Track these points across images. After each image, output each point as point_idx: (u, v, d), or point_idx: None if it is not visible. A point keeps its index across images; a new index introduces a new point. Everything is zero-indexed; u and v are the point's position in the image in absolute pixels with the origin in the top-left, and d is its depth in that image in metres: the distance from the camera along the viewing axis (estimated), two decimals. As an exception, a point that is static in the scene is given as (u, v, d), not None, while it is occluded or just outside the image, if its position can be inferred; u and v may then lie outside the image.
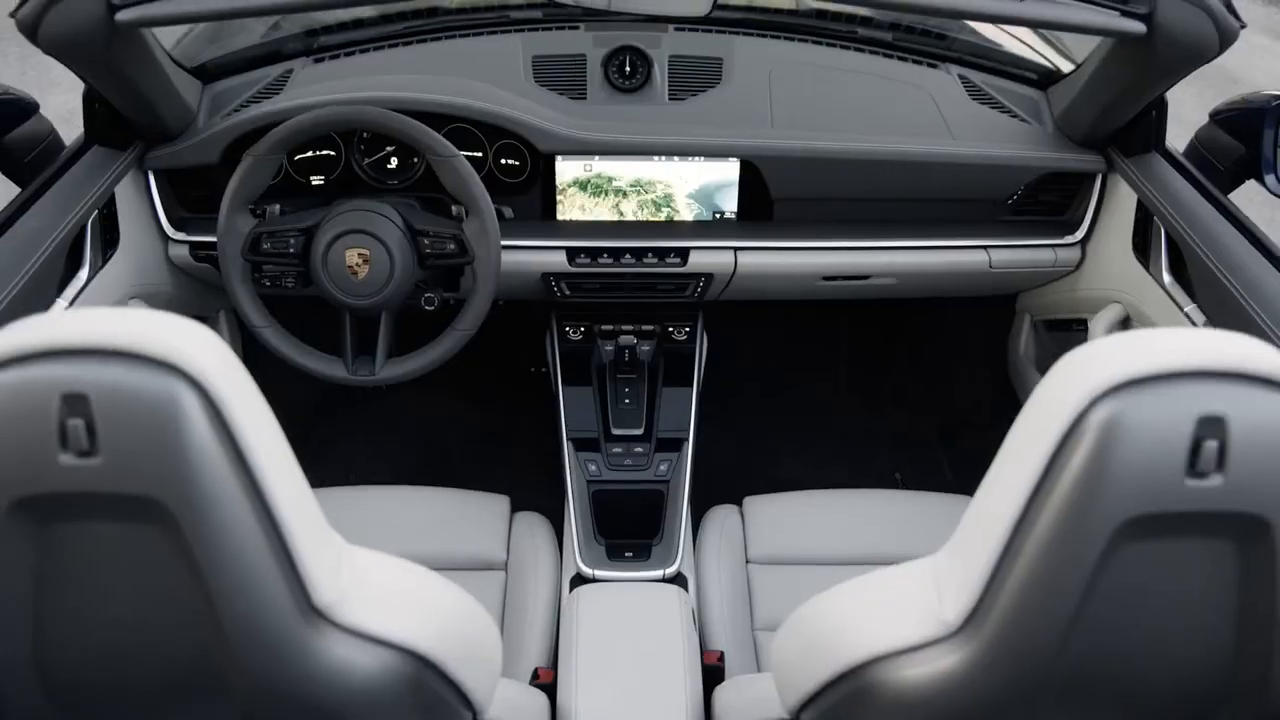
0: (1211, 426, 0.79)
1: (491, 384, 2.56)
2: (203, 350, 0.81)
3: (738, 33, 2.06)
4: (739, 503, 1.92)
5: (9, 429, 0.77)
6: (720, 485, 2.10)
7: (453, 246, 1.72)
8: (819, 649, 1.03)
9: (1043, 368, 2.22)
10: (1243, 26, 1.46)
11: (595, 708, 1.41)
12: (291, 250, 1.70)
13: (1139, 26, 1.44)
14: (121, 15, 1.40)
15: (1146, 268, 1.79)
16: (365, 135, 1.88)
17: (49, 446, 0.77)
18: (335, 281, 1.70)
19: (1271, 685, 0.89)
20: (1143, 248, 1.81)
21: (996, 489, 0.88)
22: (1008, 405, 2.37)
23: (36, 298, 1.52)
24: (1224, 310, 1.54)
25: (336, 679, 0.90)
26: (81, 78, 1.65)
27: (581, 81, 1.98)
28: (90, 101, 1.75)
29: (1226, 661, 0.89)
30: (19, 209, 1.61)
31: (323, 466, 2.36)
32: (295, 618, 0.86)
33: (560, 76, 1.98)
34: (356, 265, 1.68)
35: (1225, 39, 1.48)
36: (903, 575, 0.97)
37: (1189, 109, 1.66)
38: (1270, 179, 1.74)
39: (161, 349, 0.79)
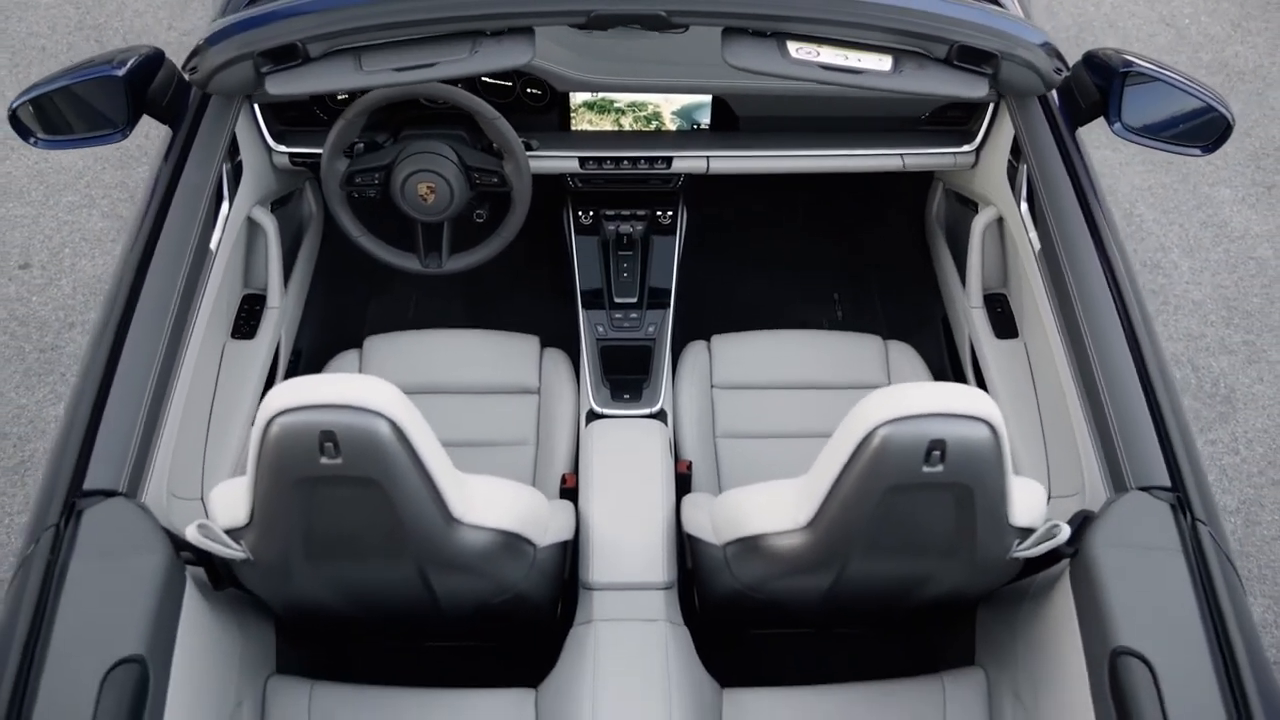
0: (937, 443, 1.48)
1: (523, 245, 3.11)
2: (390, 400, 1.48)
3: None
4: (708, 339, 2.61)
5: (291, 446, 1.47)
6: (696, 320, 2.78)
7: (496, 180, 2.31)
8: (732, 521, 1.78)
9: (947, 229, 2.83)
10: (1069, 72, 1.98)
11: (604, 513, 2.16)
12: (376, 181, 2.29)
13: (983, 92, 1.97)
14: (271, 89, 1.94)
15: (1012, 189, 2.38)
16: None
17: (314, 455, 1.47)
18: (410, 204, 2.30)
19: (976, 552, 1.64)
20: (1013, 173, 2.38)
21: (827, 459, 1.58)
22: (921, 251, 3.00)
23: (204, 236, 2.13)
24: (1048, 246, 2.15)
25: (464, 549, 1.65)
26: None
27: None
28: None
29: (951, 541, 1.63)
30: (179, 162, 2.18)
31: (389, 305, 3.03)
32: (441, 524, 1.59)
33: None
34: (425, 194, 2.28)
35: (1049, 86, 2.01)
36: (781, 490, 1.70)
37: None
38: (1116, 126, 2.27)
39: (370, 403, 1.47)
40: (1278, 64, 4.20)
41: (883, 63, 1.93)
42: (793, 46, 1.90)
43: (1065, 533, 1.65)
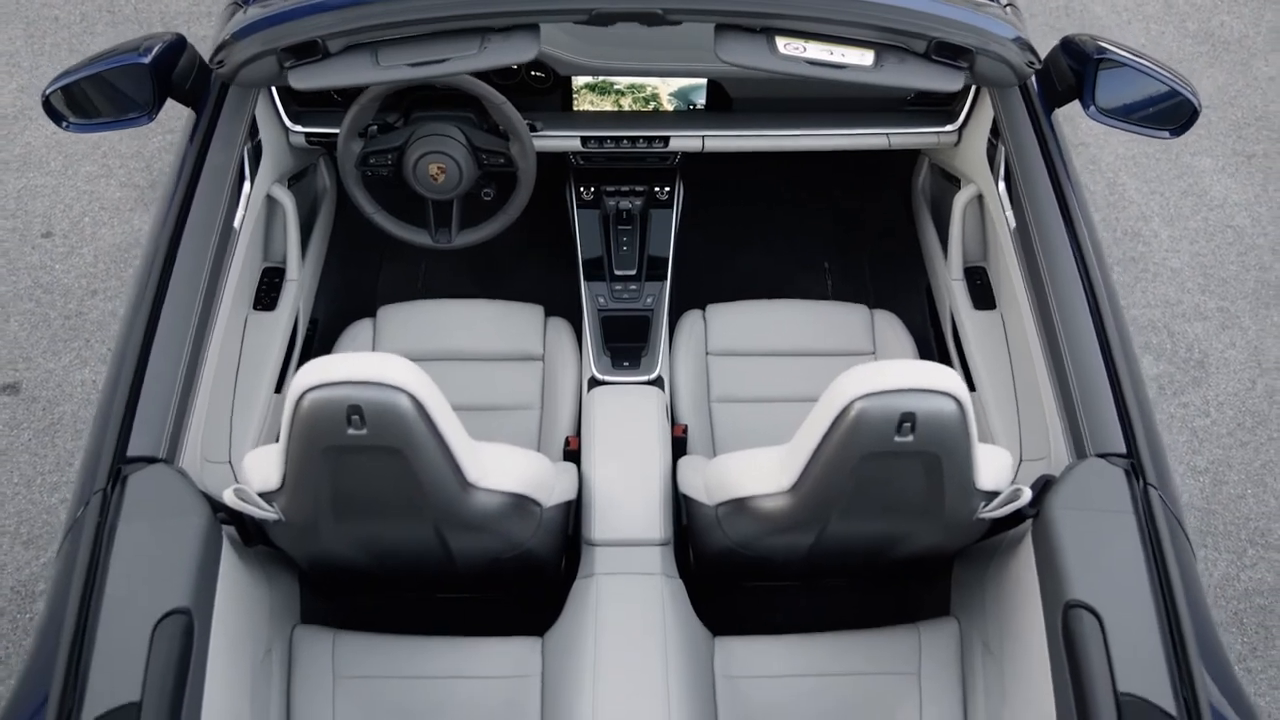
0: (908, 415, 1.63)
1: (527, 219, 3.19)
2: (409, 376, 1.63)
3: None
4: (703, 308, 2.75)
5: (321, 418, 1.62)
6: (692, 290, 2.92)
7: (502, 160, 2.44)
8: (723, 484, 1.94)
9: (932, 203, 2.96)
10: (1039, 65, 2.11)
11: (605, 474, 2.31)
12: (389, 163, 2.42)
13: (958, 85, 2.10)
14: (294, 83, 2.07)
15: (991, 169, 2.51)
16: None
17: (341, 427, 1.62)
18: (422, 184, 2.43)
19: (945, 514, 1.79)
20: (991, 154, 2.51)
21: (809, 428, 1.73)
22: (908, 223, 3.13)
23: (229, 216, 2.27)
24: (1022, 224, 2.29)
25: (478, 510, 1.80)
26: None
27: None
28: None
29: (922, 504, 1.78)
30: (203, 144, 2.30)
31: (400, 275, 3.17)
32: (457, 488, 1.75)
33: None
34: (436, 174, 2.41)
35: (1021, 78, 2.14)
36: (767, 456, 1.85)
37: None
38: (1091, 109, 2.40)
39: (390, 379, 1.61)
40: (1262, 34, 4.30)
41: (865, 57, 2.06)
42: (781, 42, 2.03)
43: (1027, 496, 1.81)
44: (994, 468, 1.81)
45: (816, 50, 2.03)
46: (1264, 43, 4.27)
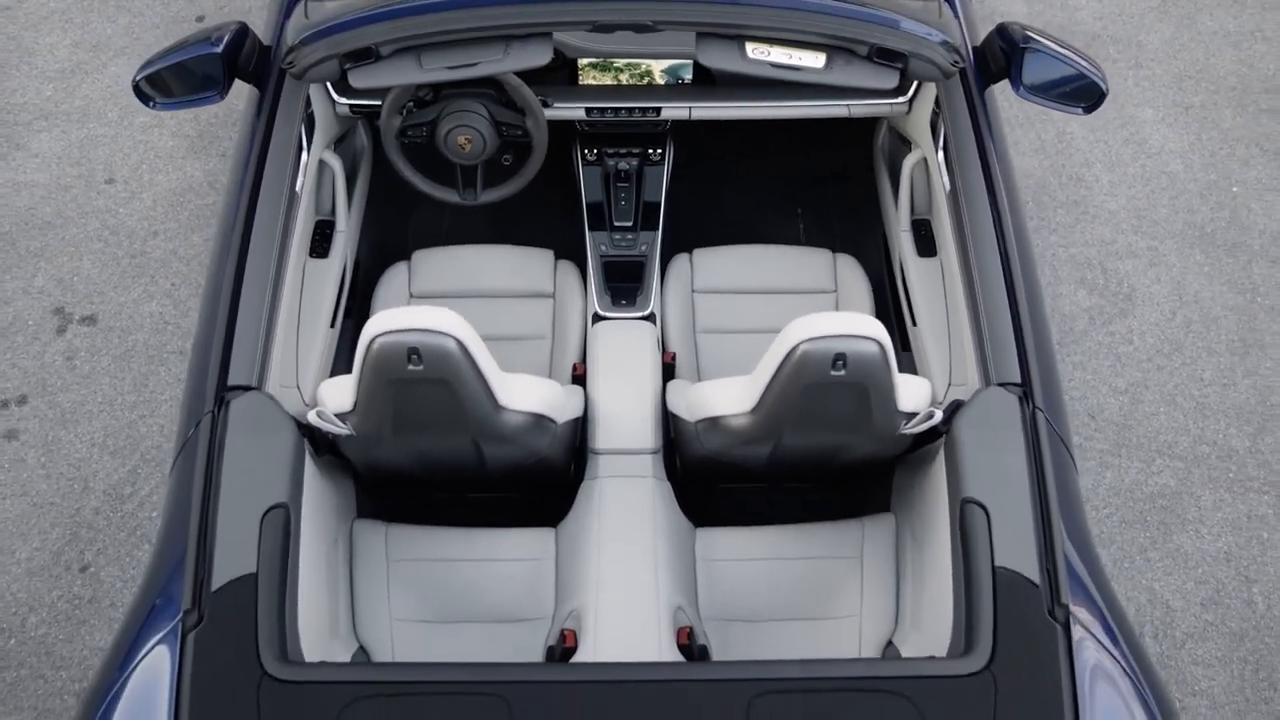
0: (840, 355, 2.12)
1: (540, 176, 3.34)
2: (456, 324, 2.11)
3: None
4: (691, 252, 3.21)
5: (387, 358, 2.10)
6: (681, 236, 3.38)
7: (520, 132, 2.88)
8: (700, 405, 2.43)
9: (889, 161, 3.40)
10: (964, 64, 2.54)
11: (607, 395, 2.80)
12: (423, 134, 2.87)
13: (894, 84, 2.54)
14: (353, 82, 2.51)
15: (934, 138, 2.94)
16: None
17: (402, 364, 2.11)
18: (451, 151, 2.87)
19: (873, 430, 2.29)
20: (935, 122, 2.94)
21: (765, 364, 2.21)
22: (869, 177, 3.57)
23: (293, 180, 2.71)
24: (954, 186, 2.74)
25: (507, 427, 2.29)
26: None
27: None
28: None
29: (854, 423, 2.27)
30: (269, 120, 2.74)
31: (428, 222, 3.62)
32: (490, 410, 2.24)
33: None
34: (464, 144, 2.85)
35: (947, 75, 2.57)
36: (734, 384, 2.34)
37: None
38: (1021, 89, 2.83)
39: (441, 326, 2.09)
40: (1210, -11, 4.68)
41: (818, 60, 2.49)
42: (750, 48, 2.46)
43: (939, 416, 2.29)
44: (914, 394, 2.29)
45: (779, 55, 2.46)
46: (1210, -3, 4.65)
